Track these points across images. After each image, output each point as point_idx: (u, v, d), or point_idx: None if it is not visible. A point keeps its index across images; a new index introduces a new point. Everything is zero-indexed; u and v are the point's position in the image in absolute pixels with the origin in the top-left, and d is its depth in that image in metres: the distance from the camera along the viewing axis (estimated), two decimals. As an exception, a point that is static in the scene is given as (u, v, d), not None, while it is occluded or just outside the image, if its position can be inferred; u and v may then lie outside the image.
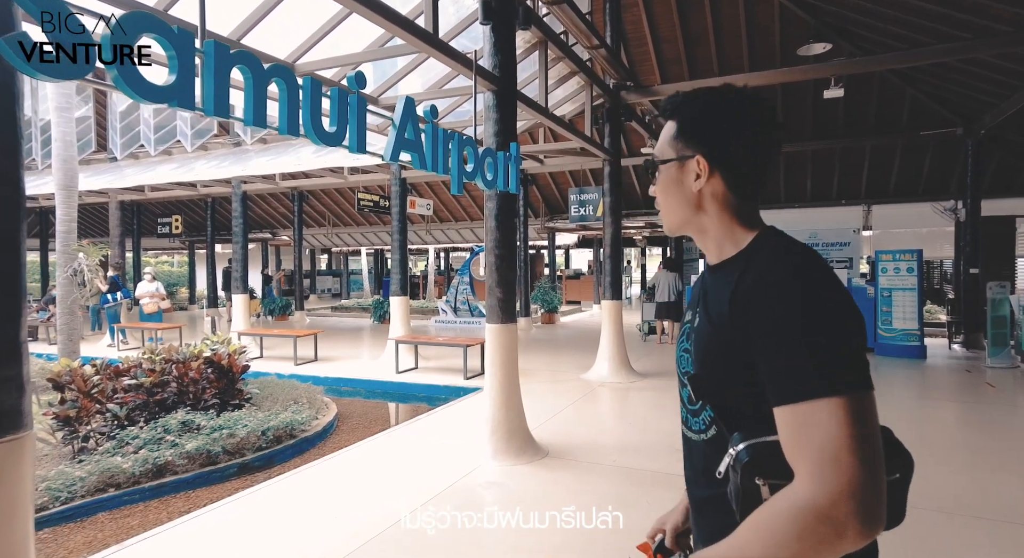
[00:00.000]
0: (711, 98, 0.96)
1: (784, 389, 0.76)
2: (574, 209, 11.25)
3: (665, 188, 1.00)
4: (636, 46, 9.82)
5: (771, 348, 0.78)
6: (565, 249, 23.10)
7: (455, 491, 3.73)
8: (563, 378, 7.32)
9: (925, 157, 11.01)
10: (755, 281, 0.83)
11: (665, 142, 1.00)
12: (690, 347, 0.98)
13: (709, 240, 0.99)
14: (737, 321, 0.83)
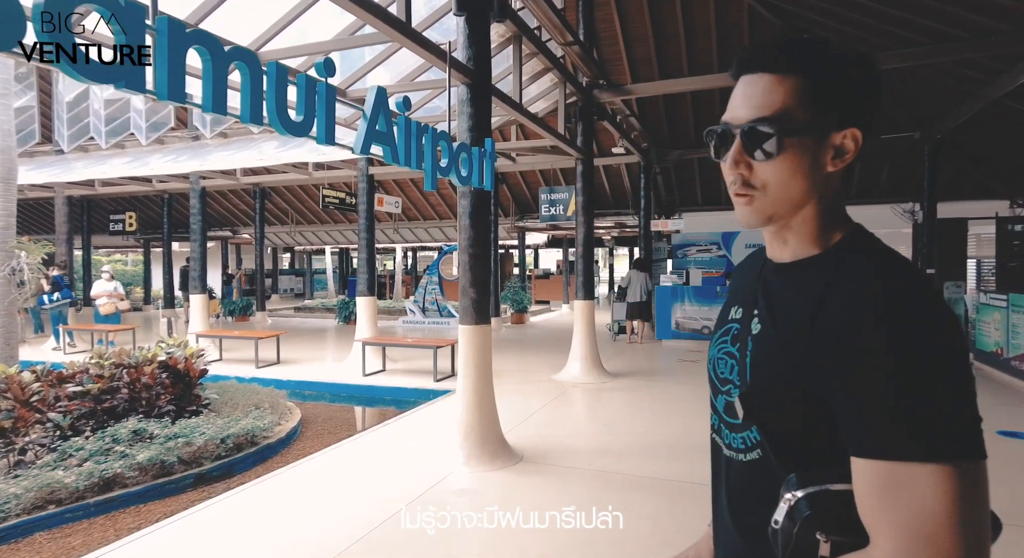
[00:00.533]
0: (851, 55, 0.75)
1: (874, 440, 0.63)
2: (544, 208, 11.17)
3: (794, 166, 0.74)
4: (607, 45, 9.79)
5: (866, 388, 0.63)
6: (534, 249, 23.07)
7: (427, 500, 3.57)
8: (535, 379, 7.21)
9: (885, 161, 11.32)
10: (855, 302, 0.67)
11: (794, 103, 0.73)
12: (737, 353, 0.83)
13: (792, 234, 0.80)
14: (820, 342, 0.68)
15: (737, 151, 0.77)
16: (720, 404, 0.88)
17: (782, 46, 0.76)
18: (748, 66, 0.78)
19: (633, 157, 11.14)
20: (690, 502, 3.51)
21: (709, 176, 12.91)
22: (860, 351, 0.64)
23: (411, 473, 4.03)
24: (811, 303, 0.72)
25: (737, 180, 0.79)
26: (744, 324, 0.84)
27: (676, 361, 8.63)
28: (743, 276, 0.94)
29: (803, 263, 0.79)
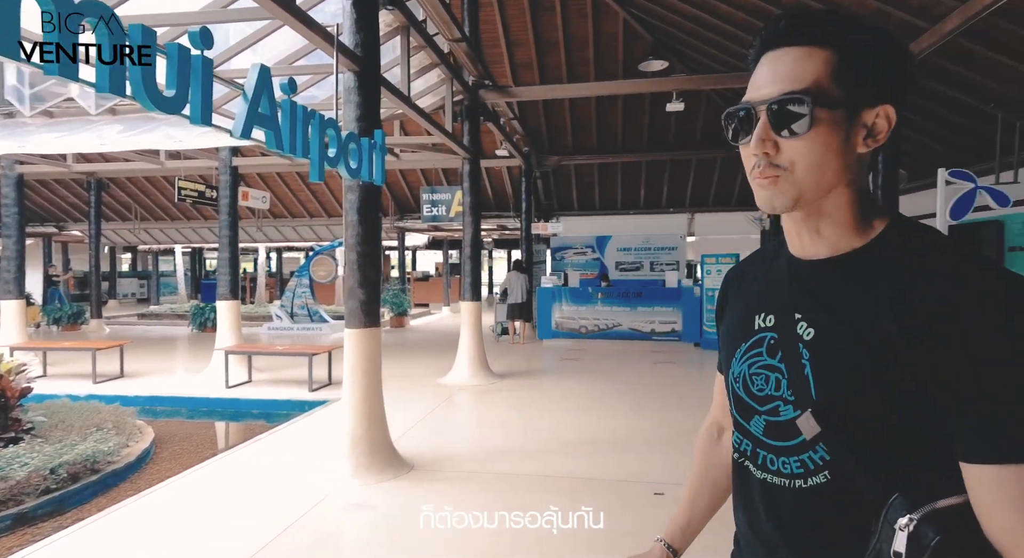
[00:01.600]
0: (880, 30, 0.71)
1: (1011, 442, 0.57)
2: (426, 208, 10.95)
3: (824, 142, 0.68)
4: (490, 46, 9.82)
5: (996, 386, 0.58)
6: (412, 250, 22.61)
7: (313, 520, 3.26)
8: (420, 384, 6.99)
9: (739, 171, 12.56)
10: (965, 297, 0.61)
11: (825, 76, 0.68)
12: (783, 365, 0.75)
13: (827, 223, 0.73)
14: (919, 340, 0.62)
15: (763, 129, 0.71)
16: (758, 426, 0.79)
17: (813, 17, 0.71)
18: (774, 41, 0.72)
19: (515, 160, 11.29)
20: (590, 498, 3.55)
21: (584, 183, 13.47)
22: (984, 348, 0.59)
23: (293, 490, 3.67)
24: (886, 300, 0.66)
25: (762, 161, 0.71)
26: (785, 332, 0.75)
27: (558, 360, 8.85)
28: (755, 279, 0.87)
29: (851, 256, 0.73)
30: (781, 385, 0.75)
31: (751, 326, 0.82)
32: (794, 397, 0.73)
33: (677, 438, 4.80)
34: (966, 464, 0.60)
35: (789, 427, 0.73)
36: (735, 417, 0.85)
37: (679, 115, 10.89)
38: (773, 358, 0.77)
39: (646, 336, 10.48)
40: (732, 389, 0.85)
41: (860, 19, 0.71)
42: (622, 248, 13.26)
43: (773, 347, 0.77)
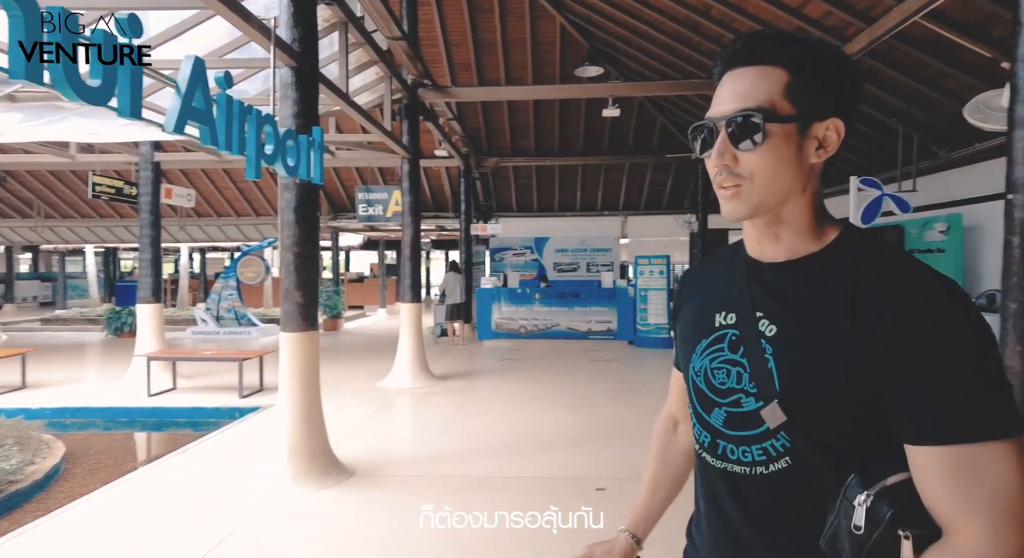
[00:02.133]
0: (830, 49, 0.77)
1: (952, 426, 0.64)
2: (362, 208, 10.69)
3: (778, 154, 0.75)
4: (428, 46, 9.74)
5: (939, 377, 0.65)
6: (346, 251, 22.05)
7: (252, 532, 3.13)
8: (358, 388, 6.84)
9: (669, 176, 13.07)
10: (902, 296, 0.68)
11: (778, 94, 0.75)
12: (746, 360, 0.80)
13: (785, 230, 0.79)
14: (870, 339, 0.68)
15: (723, 143, 0.77)
16: (718, 418, 0.83)
17: (767, 39, 0.77)
18: (733, 61, 0.79)
19: (454, 161, 11.24)
20: (535, 496, 3.59)
21: (522, 184, 13.61)
22: (924, 345, 0.66)
23: (227, 503, 3.50)
24: (842, 300, 0.72)
25: (723, 171, 0.78)
26: (747, 328, 0.80)
27: (498, 360, 8.89)
28: (714, 279, 0.92)
29: (808, 260, 0.78)
30: (742, 378, 0.80)
31: (711, 323, 0.87)
32: (756, 389, 0.78)
33: (615, 434, 4.94)
34: (910, 446, 0.67)
35: (751, 417, 0.78)
36: (696, 410, 0.89)
37: (613, 121, 11.20)
38: (735, 353, 0.81)
39: (583, 335, 10.71)
40: (693, 383, 0.89)
41: (811, 39, 0.77)
42: (560, 249, 13.49)
43: (735, 343, 0.82)
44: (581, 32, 9.64)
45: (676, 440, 1.11)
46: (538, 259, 13.52)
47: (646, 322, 10.26)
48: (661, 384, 7.24)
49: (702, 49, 7.84)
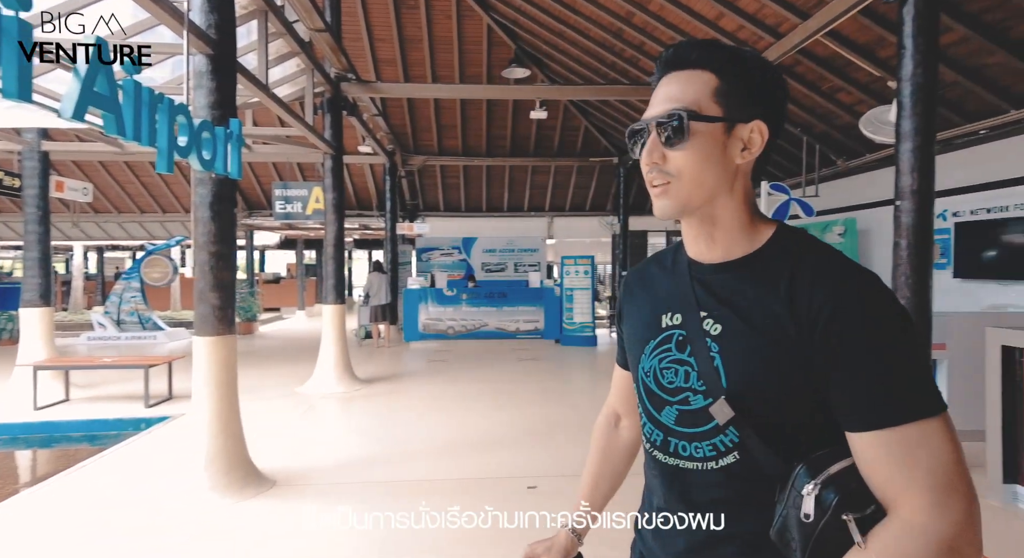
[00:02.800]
0: (757, 58, 0.82)
1: (892, 409, 0.68)
2: (279, 205, 10.21)
3: (705, 152, 0.78)
4: (352, 39, 9.47)
5: (877, 365, 0.69)
6: (261, 250, 21.00)
7: (164, 550, 2.91)
8: (277, 394, 6.54)
9: (592, 179, 13.39)
10: (837, 291, 0.72)
11: (705, 96, 0.79)
12: (693, 359, 0.82)
13: (720, 231, 0.83)
14: (810, 334, 0.72)
15: (653, 141, 0.81)
16: (670, 416, 0.85)
17: (698, 46, 0.82)
18: (668, 66, 0.84)
19: (379, 158, 10.99)
20: (465, 498, 3.57)
21: (450, 184, 13.50)
22: (864, 336, 0.70)
23: (136, 520, 3.24)
24: (780, 296, 0.76)
25: (653, 169, 0.81)
26: (692, 328, 0.83)
27: (426, 362, 8.77)
28: (658, 281, 0.94)
29: (746, 259, 0.82)
30: (691, 377, 0.82)
31: (658, 324, 0.89)
32: (704, 387, 0.80)
33: (544, 431, 5.00)
34: (851, 433, 0.71)
35: (701, 414, 0.81)
36: (647, 409, 0.90)
37: (539, 123, 11.36)
38: (682, 353, 0.84)
39: (511, 335, 10.78)
40: (643, 383, 0.90)
41: (740, 48, 0.82)
42: (487, 250, 13.51)
43: (681, 343, 0.84)
44: (508, 33, 9.70)
45: (617, 436, 1.12)
46: (466, 259, 13.48)
47: (572, 321, 10.47)
48: (587, 381, 7.42)
49: (625, 56, 8.10)
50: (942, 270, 6.13)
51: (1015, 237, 5.62)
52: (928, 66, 3.52)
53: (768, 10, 5.58)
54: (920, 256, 3.59)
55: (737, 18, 5.87)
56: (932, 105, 3.56)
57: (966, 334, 4.23)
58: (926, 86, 3.53)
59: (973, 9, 4.70)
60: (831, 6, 4.64)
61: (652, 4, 6.47)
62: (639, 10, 6.64)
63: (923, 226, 3.58)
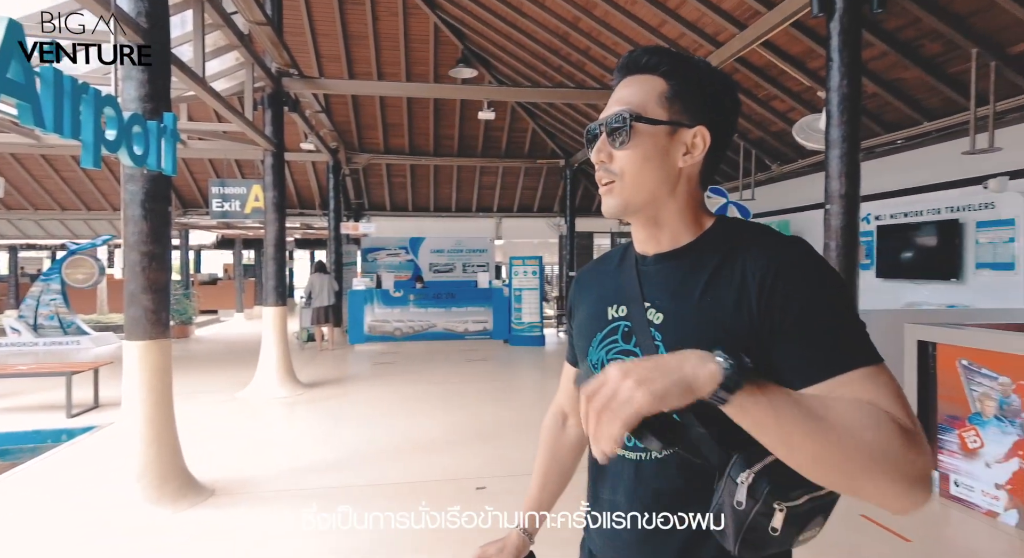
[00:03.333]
0: (707, 66, 0.85)
1: (840, 360, 0.71)
2: (216, 204, 9.79)
3: (646, 155, 0.81)
4: (294, 34, 9.19)
5: (825, 324, 0.73)
6: (197, 250, 20.08)
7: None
8: (215, 399, 6.27)
9: (540, 181, 13.50)
10: (776, 258, 0.76)
11: (651, 100, 0.82)
12: (639, 349, 0.84)
13: (663, 232, 0.86)
14: (754, 301, 0.75)
15: (601, 141, 0.84)
16: None
17: (650, 52, 0.85)
18: (623, 70, 0.87)
19: (322, 155, 10.70)
20: (412, 502, 3.52)
21: (396, 183, 13.30)
22: (809, 294, 0.74)
23: (57, 539, 3.03)
24: (722, 276, 0.79)
25: (600, 167, 0.85)
26: (637, 319, 0.85)
27: (372, 364, 8.61)
28: (606, 277, 0.96)
29: (684, 249, 0.85)
30: None
31: (605, 317, 0.91)
32: None
33: (493, 431, 5.01)
34: (811, 387, 0.71)
35: None
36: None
37: (487, 124, 11.36)
38: (628, 344, 0.86)
39: (460, 336, 10.73)
40: (590, 375, 0.91)
41: (690, 56, 0.86)
42: (435, 250, 13.38)
43: (627, 334, 0.86)
44: (455, 33, 9.66)
45: (565, 434, 1.13)
46: (413, 259, 13.30)
47: (520, 321, 10.52)
48: (536, 381, 7.47)
49: (571, 60, 8.22)
50: (867, 270, 6.53)
51: (927, 240, 6.05)
52: (853, 78, 3.75)
53: (708, 19, 5.79)
54: (848, 257, 3.81)
55: (679, 26, 6.06)
56: (857, 115, 3.79)
57: (888, 330, 4.52)
58: (851, 97, 3.75)
59: (890, 27, 5.03)
60: (766, 18, 4.86)
61: (597, 9, 6.59)
62: (585, 15, 6.75)
63: (850, 228, 3.80)
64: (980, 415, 3.32)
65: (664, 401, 0.61)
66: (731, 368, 0.62)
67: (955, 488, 3.47)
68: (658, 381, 0.62)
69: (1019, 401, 3.12)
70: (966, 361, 3.40)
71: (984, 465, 3.30)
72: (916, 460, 0.63)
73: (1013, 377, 3.15)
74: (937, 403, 3.59)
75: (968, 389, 3.39)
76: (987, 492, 3.29)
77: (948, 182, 6.05)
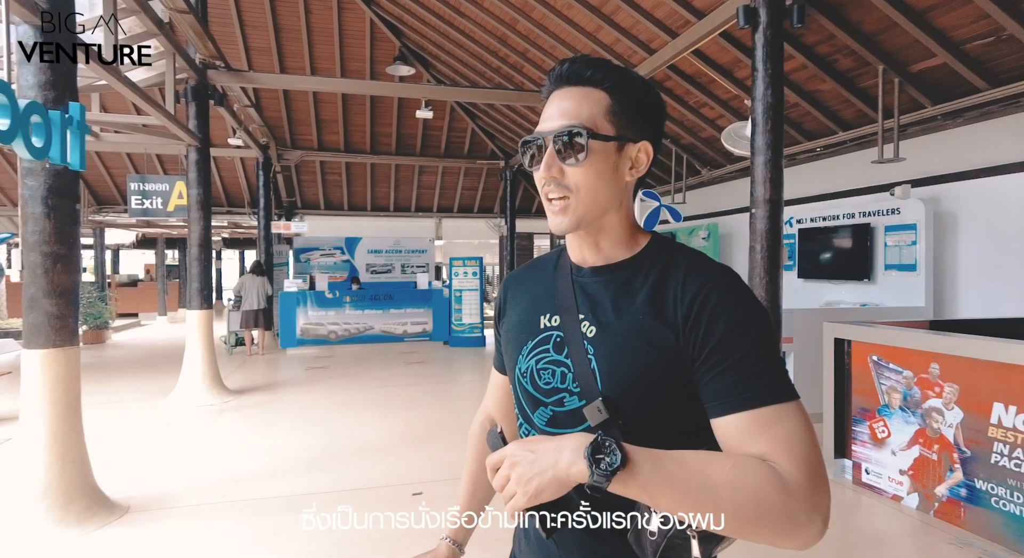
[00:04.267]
0: (644, 82, 0.85)
1: (758, 393, 0.71)
2: (136, 201, 9.20)
3: (600, 170, 0.81)
4: (221, 25, 8.78)
5: (745, 355, 0.73)
6: (115, 250, 18.83)
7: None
8: (134, 409, 5.89)
9: (480, 181, 13.46)
10: (705, 286, 0.77)
11: (599, 115, 0.81)
12: (570, 360, 0.83)
13: (605, 240, 0.86)
14: (679, 326, 0.76)
15: (551, 156, 0.82)
16: (543, 416, 0.87)
17: (591, 64, 0.83)
18: (561, 80, 0.84)
19: (252, 152, 10.26)
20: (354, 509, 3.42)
21: (331, 182, 12.91)
22: (731, 326, 0.74)
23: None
24: (653, 297, 0.80)
25: (550, 182, 0.82)
26: (571, 330, 0.84)
27: (304, 370, 8.31)
28: (539, 283, 0.95)
29: (621, 265, 0.86)
30: (567, 378, 0.83)
31: (537, 325, 0.89)
32: (579, 388, 0.82)
33: (430, 436, 4.94)
34: (720, 418, 0.73)
35: (574, 415, 0.82)
36: (523, 409, 0.91)
37: (426, 123, 11.23)
38: (560, 354, 0.85)
39: (398, 338, 10.55)
40: (519, 384, 0.91)
41: (628, 70, 0.86)
42: (373, 250, 13.09)
43: (559, 344, 0.85)
44: (392, 30, 9.50)
45: None
46: (349, 260, 12.95)
47: (461, 322, 10.45)
48: (476, 382, 7.43)
49: (509, 61, 8.24)
50: (789, 271, 6.88)
51: (843, 242, 6.45)
52: (776, 88, 3.93)
53: (642, 27, 5.94)
54: (772, 259, 4.00)
55: (614, 32, 6.19)
56: (780, 123, 3.98)
57: (808, 328, 4.78)
58: (775, 105, 3.94)
59: (809, 41, 5.32)
60: (696, 27, 5.04)
61: (535, 12, 6.63)
62: (523, 17, 6.78)
63: (774, 231, 3.99)
64: (888, 407, 3.56)
65: (540, 497, 0.68)
66: (597, 471, 0.65)
67: (866, 476, 3.70)
68: (534, 481, 0.67)
69: (920, 393, 3.36)
70: (876, 357, 3.63)
71: (891, 453, 3.54)
72: (799, 511, 0.66)
73: (915, 371, 3.39)
74: (852, 397, 3.82)
75: (878, 383, 3.62)
76: (893, 478, 3.53)
77: (861, 189, 6.47)
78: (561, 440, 0.70)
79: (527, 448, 0.70)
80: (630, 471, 0.66)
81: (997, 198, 5.13)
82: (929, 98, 5.20)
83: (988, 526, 3.01)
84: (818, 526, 0.66)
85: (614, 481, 0.65)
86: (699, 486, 0.66)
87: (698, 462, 0.68)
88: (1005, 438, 2.94)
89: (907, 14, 4.46)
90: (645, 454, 0.67)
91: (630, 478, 0.66)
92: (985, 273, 5.25)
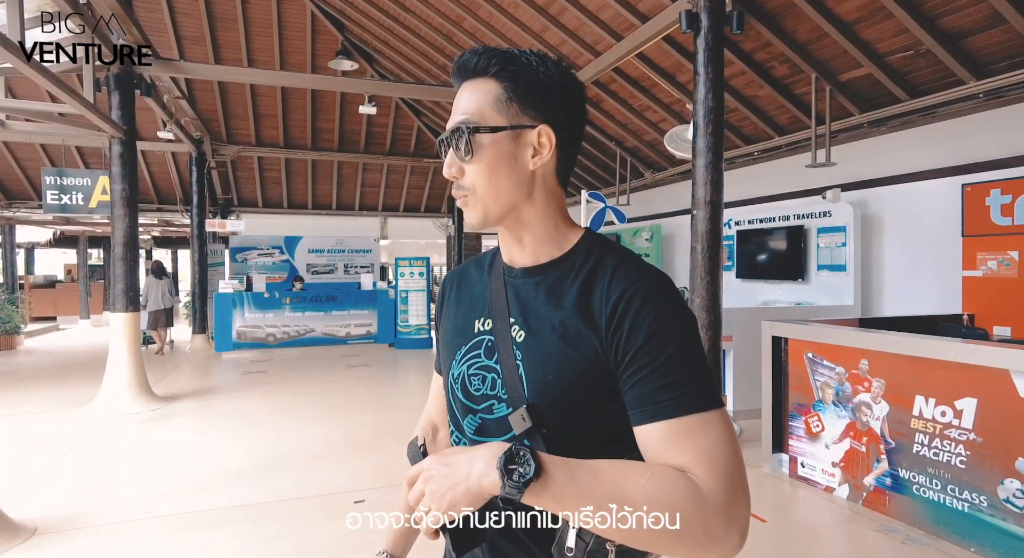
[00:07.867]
0: (541, 63, 0.79)
1: (680, 401, 0.68)
2: (52, 196, 8.56)
3: (492, 163, 0.77)
4: (148, 11, 8.29)
5: (668, 362, 0.70)
6: (28, 248, 17.52)
7: None
8: (48, 419, 5.47)
9: (427, 180, 13.25)
10: (631, 290, 0.73)
11: (487, 105, 0.77)
12: (500, 366, 0.79)
13: (528, 235, 0.82)
14: (604, 331, 0.72)
15: (450, 157, 0.80)
16: (472, 424, 0.83)
17: (480, 54, 0.79)
18: (458, 75, 0.82)
19: (184, 146, 9.74)
20: (284, 521, 3.26)
21: (269, 178, 12.40)
22: (656, 335, 0.70)
23: None
24: (580, 300, 0.76)
25: (453, 182, 0.81)
26: (501, 334, 0.81)
27: (240, 374, 7.94)
28: (474, 285, 0.91)
29: (550, 265, 0.82)
30: (496, 384, 0.80)
31: (471, 329, 0.86)
32: (507, 395, 0.78)
33: (372, 441, 4.80)
34: (643, 426, 0.70)
35: (502, 423, 0.78)
36: (454, 417, 0.88)
37: (370, 119, 10.98)
38: (490, 359, 0.82)
39: (341, 340, 10.25)
40: (452, 390, 0.87)
41: (523, 53, 0.80)
42: (314, 250, 12.66)
43: (490, 349, 0.82)
44: (334, 23, 9.23)
45: (436, 448, 1.06)
46: (289, 260, 12.48)
47: (407, 324, 10.27)
48: (421, 385, 7.30)
49: (449, 56, 8.15)
50: (728, 271, 7.09)
51: (779, 244, 6.70)
52: (717, 92, 4.02)
53: (588, 29, 5.98)
54: (712, 259, 4.09)
55: (560, 33, 6.21)
56: (720, 127, 4.08)
57: (747, 327, 4.92)
58: (716, 110, 4.03)
59: (747, 48, 5.49)
60: (640, 30, 5.11)
61: (481, 11, 6.58)
62: (469, 15, 6.71)
63: (715, 232, 4.08)
64: (822, 402, 3.70)
65: (454, 510, 0.65)
66: (509, 482, 0.62)
67: (802, 469, 3.83)
68: (447, 496, 0.65)
69: (851, 388, 3.50)
70: (811, 354, 3.76)
71: (824, 446, 3.68)
72: (716, 526, 0.63)
73: (846, 367, 3.53)
74: (789, 393, 3.95)
75: (813, 379, 3.76)
76: (826, 470, 3.67)
77: (795, 192, 6.74)
78: (475, 450, 0.67)
79: (442, 461, 0.67)
80: (543, 482, 0.63)
81: (915, 202, 5.44)
82: (857, 106, 5.46)
83: (910, 513, 3.16)
84: (735, 540, 0.64)
85: (527, 492, 0.62)
86: (613, 498, 0.63)
87: (614, 473, 0.65)
88: (925, 429, 3.10)
89: (836, 25, 4.66)
90: (560, 464, 0.64)
91: (543, 489, 0.63)
92: (906, 273, 5.56)
